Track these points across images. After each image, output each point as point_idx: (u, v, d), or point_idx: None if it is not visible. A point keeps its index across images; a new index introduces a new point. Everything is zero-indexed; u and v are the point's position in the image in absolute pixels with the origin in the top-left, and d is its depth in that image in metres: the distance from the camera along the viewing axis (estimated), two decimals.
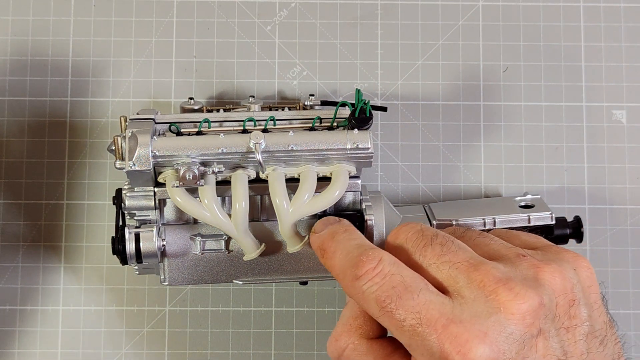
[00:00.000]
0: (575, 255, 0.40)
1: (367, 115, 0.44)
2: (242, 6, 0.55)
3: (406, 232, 0.41)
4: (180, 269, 0.47)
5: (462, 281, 0.37)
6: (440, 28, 0.55)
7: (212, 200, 0.44)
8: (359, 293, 0.38)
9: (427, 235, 0.40)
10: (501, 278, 0.36)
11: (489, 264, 0.37)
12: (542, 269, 0.37)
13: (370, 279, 0.38)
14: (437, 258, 0.38)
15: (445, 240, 0.39)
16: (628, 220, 0.54)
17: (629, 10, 0.55)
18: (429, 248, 0.39)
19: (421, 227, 0.41)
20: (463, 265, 0.37)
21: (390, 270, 0.38)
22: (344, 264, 0.39)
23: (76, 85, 0.54)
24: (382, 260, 0.38)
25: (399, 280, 0.37)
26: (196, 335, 0.53)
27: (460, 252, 0.38)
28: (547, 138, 0.54)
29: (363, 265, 0.38)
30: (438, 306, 0.36)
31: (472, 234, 0.42)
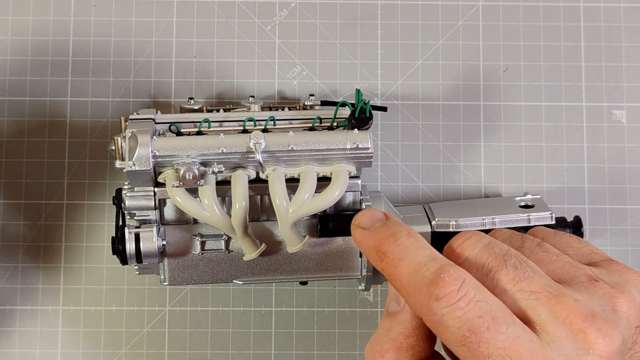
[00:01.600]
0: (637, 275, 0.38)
1: (367, 115, 0.44)
2: (242, 6, 0.55)
3: (472, 247, 0.37)
4: (180, 269, 0.47)
5: (545, 314, 0.34)
6: (440, 28, 0.55)
7: (212, 200, 0.44)
8: (436, 316, 0.34)
9: (497, 255, 0.36)
10: (587, 315, 0.34)
11: (571, 295, 0.35)
12: (617, 299, 0.35)
13: (453, 302, 0.34)
14: (513, 284, 0.35)
15: (519, 262, 0.36)
16: (628, 220, 0.54)
17: (629, 10, 0.55)
18: (502, 271, 0.35)
19: (489, 242, 0.37)
20: (544, 295, 0.34)
21: (476, 295, 0.34)
22: (416, 278, 0.35)
23: (76, 85, 0.54)
24: (466, 282, 0.34)
25: (485, 309, 0.34)
26: (196, 335, 0.53)
27: (536, 278, 0.35)
28: (547, 138, 0.54)
29: (445, 285, 0.34)
30: (527, 343, 0.33)
31: (532, 246, 0.39)
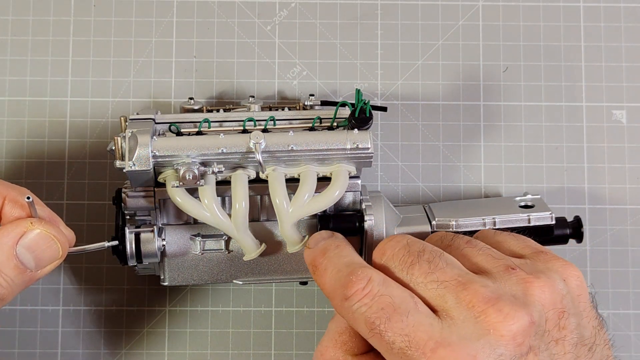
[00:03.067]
0: (564, 263, 0.39)
1: (367, 115, 0.44)
2: (242, 6, 0.55)
3: (392, 247, 0.40)
4: (180, 269, 0.47)
5: (451, 301, 0.36)
6: (440, 28, 0.55)
7: (212, 200, 0.44)
8: (349, 313, 0.38)
9: (413, 252, 0.39)
10: (490, 298, 0.36)
11: (478, 282, 0.37)
12: (531, 284, 0.37)
13: (359, 299, 0.37)
14: (424, 276, 0.38)
15: (432, 256, 0.38)
16: (628, 220, 0.54)
17: (629, 10, 0.55)
18: (416, 265, 0.38)
19: (407, 242, 0.40)
20: (451, 283, 0.37)
21: (380, 290, 0.37)
22: (334, 282, 0.39)
23: (76, 85, 0.54)
24: (372, 279, 0.38)
25: (387, 302, 0.37)
26: (196, 335, 0.53)
27: (448, 269, 0.38)
28: (547, 138, 0.54)
29: (352, 285, 0.37)
30: (427, 328, 0.36)
31: (460, 243, 0.41)
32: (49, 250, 0.39)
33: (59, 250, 0.40)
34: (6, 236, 0.38)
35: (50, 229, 0.39)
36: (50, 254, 0.39)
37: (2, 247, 0.38)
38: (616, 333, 0.53)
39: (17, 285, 0.39)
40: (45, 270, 0.40)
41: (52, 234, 0.39)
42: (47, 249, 0.39)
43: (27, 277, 0.39)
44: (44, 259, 0.39)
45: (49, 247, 0.39)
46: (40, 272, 0.39)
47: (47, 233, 0.39)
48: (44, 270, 0.40)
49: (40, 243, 0.39)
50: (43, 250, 0.39)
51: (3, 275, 0.38)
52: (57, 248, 0.40)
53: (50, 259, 0.40)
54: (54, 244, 0.39)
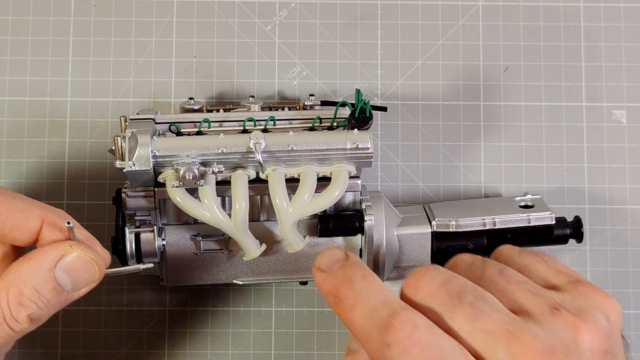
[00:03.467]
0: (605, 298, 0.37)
1: (367, 115, 0.44)
2: (242, 6, 0.55)
3: (428, 285, 0.36)
4: (180, 269, 0.47)
5: (502, 353, 0.34)
6: (440, 28, 0.55)
7: (212, 200, 0.44)
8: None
9: (453, 292, 0.36)
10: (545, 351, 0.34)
11: (528, 331, 0.34)
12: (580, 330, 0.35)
13: (405, 349, 0.33)
14: (469, 323, 0.35)
15: (475, 298, 0.35)
16: (628, 220, 0.54)
17: (629, 10, 0.55)
18: (458, 310, 0.35)
19: (444, 279, 0.37)
20: (500, 334, 0.34)
21: (428, 340, 0.33)
22: (369, 323, 0.34)
23: (76, 85, 0.54)
24: (417, 326, 0.34)
25: (439, 354, 0.33)
26: (196, 335, 0.53)
27: (493, 314, 0.35)
28: (547, 138, 0.54)
29: (396, 331, 0.33)
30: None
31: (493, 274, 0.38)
32: (86, 273, 0.39)
33: (97, 273, 0.40)
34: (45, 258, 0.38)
35: (88, 253, 0.39)
36: (87, 276, 0.40)
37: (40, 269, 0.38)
38: None
39: (53, 307, 0.39)
40: (81, 292, 0.40)
41: (90, 257, 0.39)
42: (84, 272, 0.39)
43: (63, 298, 0.39)
44: (81, 281, 0.39)
45: (87, 270, 0.39)
46: (76, 293, 0.40)
47: (86, 256, 0.39)
48: (80, 292, 0.40)
49: (79, 266, 0.39)
50: (81, 273, 0.39)
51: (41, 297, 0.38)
52: (94, 271, 0.40)
53: (87, 281, 0.40)
54: (91, 267, 0.40)
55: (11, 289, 0.37)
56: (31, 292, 0.38)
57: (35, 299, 0.38)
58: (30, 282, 0.38)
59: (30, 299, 0.38)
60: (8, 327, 0.38)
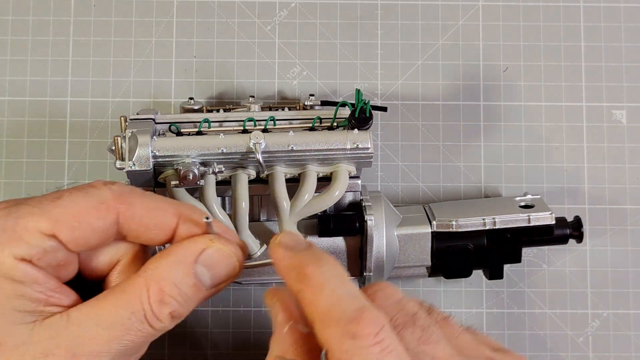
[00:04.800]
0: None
1: (367, 115, 0.44)
2: (242, 6, 0.55)
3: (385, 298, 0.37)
4: None
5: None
6: (440, 28, 0.55)
7: (212, 200, 0.44)
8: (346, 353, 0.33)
9: (408, 312, 0.37)
10: None
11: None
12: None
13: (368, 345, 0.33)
14: (416, 344, 0.35)
15: (427, 324, 0.36)
16: (628, 220, 0.54)
17: (629, 10, 0.55)
18: (409, 329, 0.36)
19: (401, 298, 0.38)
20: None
21: (390, 345, 0.33)
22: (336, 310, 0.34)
23: (76, 85, 0.54)
24: (385, 329, 0.33)
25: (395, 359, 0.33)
26: (196, 335, 0.53)
27: (440, 345, 0.36)
28: (547, 138, 0.54)
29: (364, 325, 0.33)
30: None
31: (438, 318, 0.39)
32: (226, 268, 0.38)
33: (237, 267, 0.39)
34: (185, 253, 0.37)
35: (229, 246, 0.38)
36: (227, 270, 0.38)
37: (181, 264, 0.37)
38: (616, 333, 0.53)
39: (193, 303, 0.38)
40: (219, 287, 0.39)
41: (231, 250, 0.38)
42: (225, 266, 0.38)
43: (202, 294, 0.38)
44: (220, 276, 0.38)
45: (227, 264, 0.38)
46: (215, 289, 0.38)
47: (227, 250, 0.38)
48: (220, 287, 0.38)
49: (219, 260, 0.38)
50: (221, 267, 0.38)
51: (182, 293, 0.37)
52: (234, 265, 0.38)
53: (226, 275, 0.38)
54: (232, 261, 0.38)
55: (151, 286, 0.36)
56: (172, 289, 0.36)
57: (176, 296, 0.36)
58: (171, 278, 0.36)
59: (171, 296, 0.36)
60: (149, 326, 0.36)
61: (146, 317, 0.36)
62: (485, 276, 0.50)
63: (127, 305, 0.36)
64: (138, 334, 0.36)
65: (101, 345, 0.35)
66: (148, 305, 0.36)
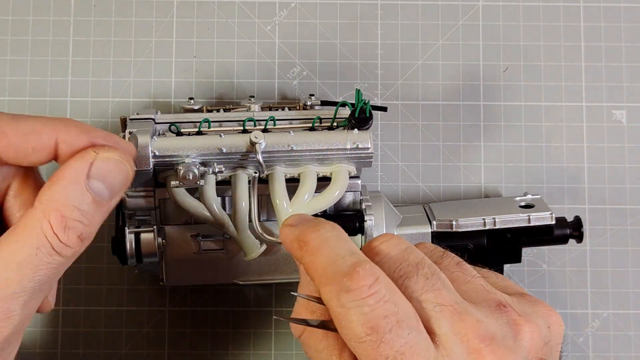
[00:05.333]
0: (549, 309, 0.39)
1: (367, 115, 0.44)
2: (242, 6, 0.55)
3: (389, 249, 0.38)
4: (180, 269, 0.47)
5: (445, 328, 0.35)
6: (440, 28, 0.55)
7: (212, 200, 0.44)
8: (343, 307, 0.34)
9: (412, 262, 0.37)
10: (485, 336, 0.35)
11: (473, 315, 0.35)
12: (522, 327, 0.36)
13: (362, 297, 0.34)
14: (420, 292, 0.36)
15: (430, 272, 0.36)
16: (628, 220, 0.54)
17: (629, 10, 0.55)
18: (412, 278, 0.36)
19: (406, 249, 0.38)
20: (447, 309, 0.35)
21: (386, 296, 0.34)
22: (332, 267, 0.35)
23: (76, 85, 0.54)
24: (379, 280, 0.34)
25: (392, 311, 0.34)
26: (196, 335, 0.53)
27: (444, 291, 0.36)
28: (547, 138, 0.54)
29: (358, 278, 0.34)
30: (423, 352, 0.34)
31: (450, 263, 0.39)
32: (120, 175, 0.37)
33: (129, 171, 0.37)
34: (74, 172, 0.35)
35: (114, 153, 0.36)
36: (122, 177, 0.37)
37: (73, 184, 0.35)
38: (616, 333, 0.53)
39: (97, 219, 0.36)
40: (118, 198, 0.37)
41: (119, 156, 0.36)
42: (118, 173, 0.36)
43: (104, 208, 0.36)
44: (117, 184, 0.36)
45: (120, 170, 0.36)
46: (114, 200, 0.37)
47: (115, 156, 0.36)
48: (119, 196, 0.37)
49: (111, 169, 0.36)
50: (114, 175, 0.36)
51: (84, 212, 0.35)
52: (127, 170, 0.37)
53: (122, 183, 0.37)
54: (123, 166, 0.37)
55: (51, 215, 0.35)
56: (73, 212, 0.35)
57: (79, 217, 0.35)
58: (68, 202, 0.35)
59: (74, 219, 0.35)
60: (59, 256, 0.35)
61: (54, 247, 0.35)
62: None
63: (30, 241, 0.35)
64: (49, 267, 0.35)
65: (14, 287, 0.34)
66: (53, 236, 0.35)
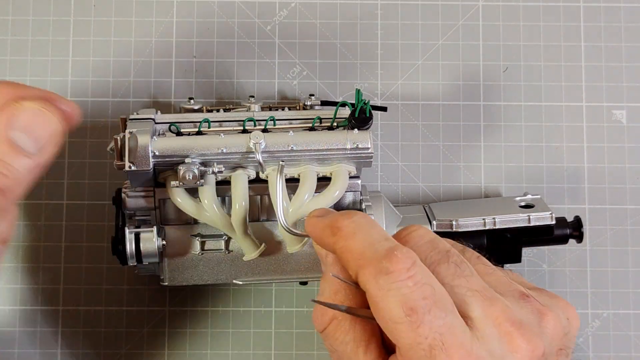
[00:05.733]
0: (566, 303, 0.40)
1: (367, 115, 0.44)
2: (242, 6, 0.55)
3: (418, 238, 0.38)
4: (180, 269, 0.47)
5: (477, 312, 0.36)
6: (440, 28, 0.55)
7: (212, 200, 0.44)
8: (382, 289, 0.35)
9: (441, 250, 0.38)
10: (515, 321, 0.36)
11: (503, 301, 0.36)
12: (545, 315, 0.37)
13: (401, 280, 0.34)
14: (451, 278, 0.36)
15: (459, 260, 0.37)
16: (628, 220, 0.54)
17: (629, 10, 0.55)
18: (443, 265, 0.37)
19: (434, 237, 0.39)
20: (479, 294, 0.36)
21: (423, 278, 0.35)
22: (370, 250, 0.36)
23: (76, 85, 0.54)
24: (416, 264, 0.35)
25: (430, 293, 0.34)
26: (196, 335, 0.53)
27: (474, 278, 0.37)
28: (547, 138, 0.54)
29: (397, 261, 0.35)
30: (460, 334, 0.34)
31: (472, 256, 0.40)
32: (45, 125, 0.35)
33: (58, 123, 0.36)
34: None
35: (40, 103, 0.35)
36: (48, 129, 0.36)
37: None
38: (616, 333, 0.53)
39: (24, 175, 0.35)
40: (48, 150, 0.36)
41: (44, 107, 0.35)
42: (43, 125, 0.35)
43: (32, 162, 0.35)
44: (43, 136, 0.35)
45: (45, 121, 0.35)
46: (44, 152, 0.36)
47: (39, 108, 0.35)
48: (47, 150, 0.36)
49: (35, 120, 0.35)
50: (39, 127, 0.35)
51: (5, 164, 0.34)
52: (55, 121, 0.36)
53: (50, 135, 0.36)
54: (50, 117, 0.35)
55: None
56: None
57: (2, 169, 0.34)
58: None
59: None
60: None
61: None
62: None
63: None
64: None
65: None
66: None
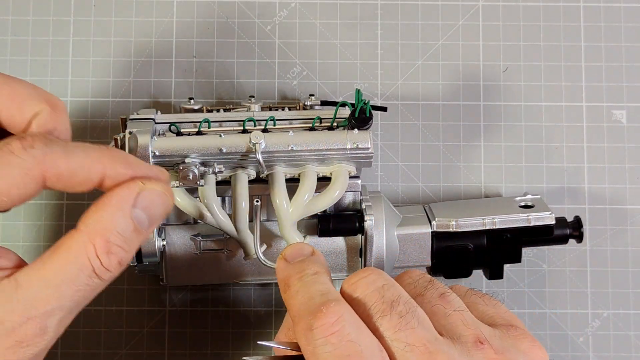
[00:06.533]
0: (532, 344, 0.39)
1: (367, 115, 0.45)
2: (242, 6, 0.55)
3: (366, 286, 0.38)
4: (180, 269, 0.47)
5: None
6: (440, 28, 0.55)
7: (212, 200, 0.44)
8: (310, 344, 0.36)
9: (387, 300, 0.37)
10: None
11: (445, 353, 0.36)
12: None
13: (325, 335, 0.35)
14: (392, 331, 0.36)
15: (405, 310, 0.37)
16: (628, 220, 0.54)
17: (629, 10, 0.55)
18: (387, 317, 0.37)
19: (383, 285, 0.38)
20: (419, 349, 0.36)
21: (350, 334, 0.35)
22: (303, 308, 0.37)
23: (76, 85, 0.54)
24: (343, 318, 0.36)
25: (355, 350, 0.35)
26: (196, 335, 0.53)
27: (418, 329, 0.36)
28: (547, 138, 0.54)
29: (322, 316, 0.35)
30: None
31: (433, 295, 0.40)
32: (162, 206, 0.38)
33: (170, 202, 0.38)
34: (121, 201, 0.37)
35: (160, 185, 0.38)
36: (163, 209, 0.38)
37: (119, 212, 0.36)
38: (616, 333, 0.53)
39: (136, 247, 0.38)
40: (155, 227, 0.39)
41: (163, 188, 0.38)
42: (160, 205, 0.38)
43: (142, 236, 0.38)
44: (157, 215, 0.38)
45: (163, 202, 0.38)
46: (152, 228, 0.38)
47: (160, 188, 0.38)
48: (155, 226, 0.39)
49: (154, 200, 0.37)
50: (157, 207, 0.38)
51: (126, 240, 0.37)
52: (169, 202, 0.38)
53: (162, 214, 0.38)
54: (166, 199, 0.38)
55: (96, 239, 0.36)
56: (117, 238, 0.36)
57: (122, 244, 0.36)
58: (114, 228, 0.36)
59: (117, 245, 0.36)
60: (98, 279, 0.37)
61: (95, 270, 0.36)
62: (485, 276, 0.50)
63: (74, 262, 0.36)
64: (87, 288, 0.37)
65: (53, 304, 0.35)
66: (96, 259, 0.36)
